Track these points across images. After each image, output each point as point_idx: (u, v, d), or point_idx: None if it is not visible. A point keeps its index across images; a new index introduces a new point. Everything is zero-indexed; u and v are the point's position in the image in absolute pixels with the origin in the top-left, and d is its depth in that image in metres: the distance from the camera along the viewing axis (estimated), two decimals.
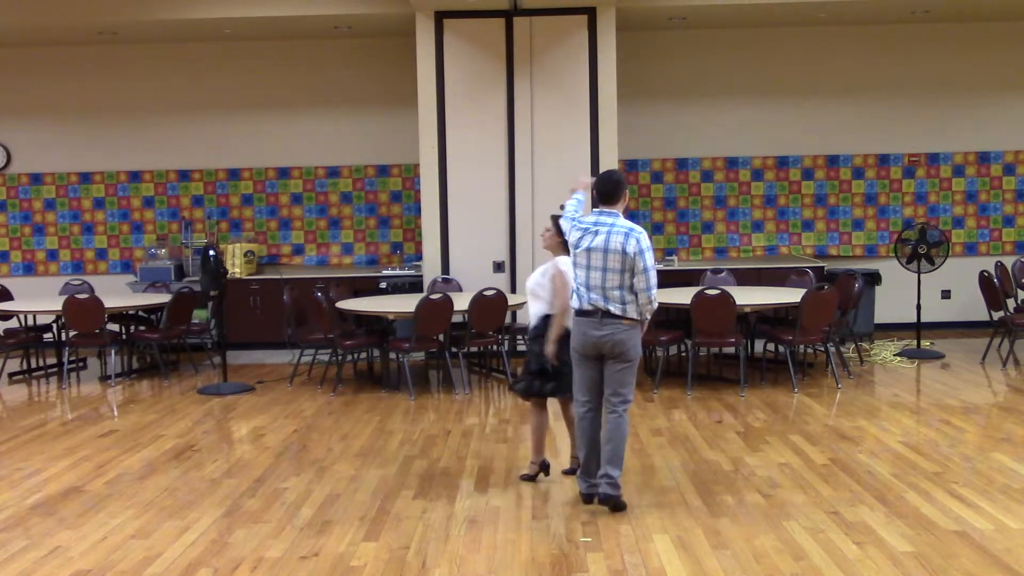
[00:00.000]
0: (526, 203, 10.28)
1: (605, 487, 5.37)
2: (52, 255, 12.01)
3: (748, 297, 8.89)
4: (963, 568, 4.48)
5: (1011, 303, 9.92)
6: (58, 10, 10.42)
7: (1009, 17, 11.33)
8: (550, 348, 5.73)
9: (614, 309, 5.34)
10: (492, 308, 8.71)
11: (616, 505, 5.38)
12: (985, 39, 11.54)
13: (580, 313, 5.45)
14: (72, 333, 9.60)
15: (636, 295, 5.36)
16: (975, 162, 11.76)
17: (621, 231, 5.36)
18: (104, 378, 9.85)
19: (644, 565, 4.62)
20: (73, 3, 10.42)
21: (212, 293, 9.00)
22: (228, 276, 9.17)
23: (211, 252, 8.94)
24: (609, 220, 5.43)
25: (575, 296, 5.50)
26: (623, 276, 5.33)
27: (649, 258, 5.35)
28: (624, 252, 5.32)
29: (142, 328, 10.19)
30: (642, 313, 5.40)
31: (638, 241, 5.34)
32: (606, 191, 5.50)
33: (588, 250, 5.39)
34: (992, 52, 11.57)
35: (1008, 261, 10.79)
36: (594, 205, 5.72)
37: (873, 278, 10.82)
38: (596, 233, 5.40)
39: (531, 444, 6.12)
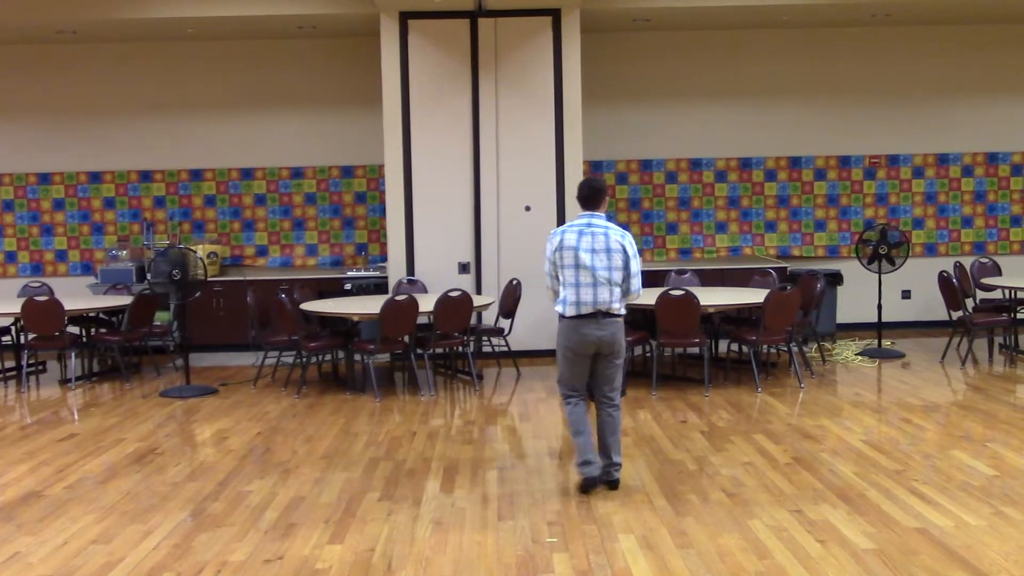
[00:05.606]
0: (491, 204, 10.27)
1: (615, 473, 5.77)
2: (10, 257, 11.83)
3: (712, 298, 8.95)
4: (923, 564, 4.54)
5: (970, 303, 10.07)
6: (15, 8, 10.25)
7: (967, 21, 11.50)
8: None
9: (614, 308, 5.65)
10: (457, 309, 8.71)
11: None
12: (944, 42, 11.70)
13: (579, 315, 5.63)
14: (31, 336, 9.47)
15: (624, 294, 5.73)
16: (934, 164, 11.92)
17: (617, 231, 5.69)
18: (64, 381, 9.72)
19: (610, 565, 4.63)
20: (31, 1, 10.27)
21: (196, 295, 8.92)
22: (191, 279, 9.05)
23: (198, 255, 8.91)
24: (601, 223, 5.70)
25: (566, 295, 5.65)
26: (622, 274, 5.64)
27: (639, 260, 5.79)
28: (624, 252, 5.63)
29: (103, 330, 10.07)
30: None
31: (632, 243, 5.71)
32: (587, 196, 5.77)
33: (592, 251, 5.60)
34: (951, 55, 11.73)
35: (967, 261, 10.94)
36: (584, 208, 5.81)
37: (835, 278, 10.94)
38: (593, 235, 5.64)
39: None
